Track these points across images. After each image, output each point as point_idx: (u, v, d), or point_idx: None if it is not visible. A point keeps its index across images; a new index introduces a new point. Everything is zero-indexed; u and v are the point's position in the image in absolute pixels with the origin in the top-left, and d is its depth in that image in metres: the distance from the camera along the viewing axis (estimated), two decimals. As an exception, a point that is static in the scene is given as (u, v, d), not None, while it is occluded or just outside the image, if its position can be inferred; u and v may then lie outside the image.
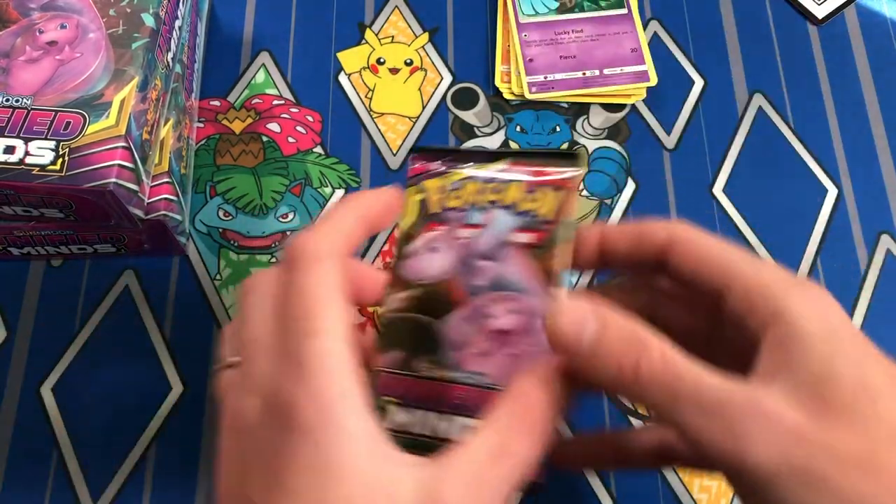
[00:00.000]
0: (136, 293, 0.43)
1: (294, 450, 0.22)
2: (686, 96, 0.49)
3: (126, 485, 0.39)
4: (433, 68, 0.49)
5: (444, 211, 0.30)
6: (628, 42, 0.49)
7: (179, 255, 0.44)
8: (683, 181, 0.47)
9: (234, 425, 0.24)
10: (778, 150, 0.48)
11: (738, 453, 0.22)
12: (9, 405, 0.41)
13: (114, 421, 0.40)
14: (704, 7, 0.52)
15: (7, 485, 0.39)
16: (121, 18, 0.38)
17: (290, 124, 0.47)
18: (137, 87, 0.36)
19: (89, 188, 0.33)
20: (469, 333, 0.28)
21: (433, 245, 0.30)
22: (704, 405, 0.22)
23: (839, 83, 0.50)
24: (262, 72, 0.49)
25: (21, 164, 0.34)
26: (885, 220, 0.46)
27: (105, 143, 0.34)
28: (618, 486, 0.40)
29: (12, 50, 0.37)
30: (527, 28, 0.49)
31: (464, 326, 0.28)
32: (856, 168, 0.48)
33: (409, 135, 0.47)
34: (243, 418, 0.23)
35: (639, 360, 0.23)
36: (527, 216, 0.29)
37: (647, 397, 0.23)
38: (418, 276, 0.29)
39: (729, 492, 0.40)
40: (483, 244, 0.29)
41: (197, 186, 0.45)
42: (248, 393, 0.23)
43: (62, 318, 0.42)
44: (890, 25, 0.52)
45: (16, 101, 0.35)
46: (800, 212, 0.46)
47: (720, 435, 0.22)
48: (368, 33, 0.50)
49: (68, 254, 0.42)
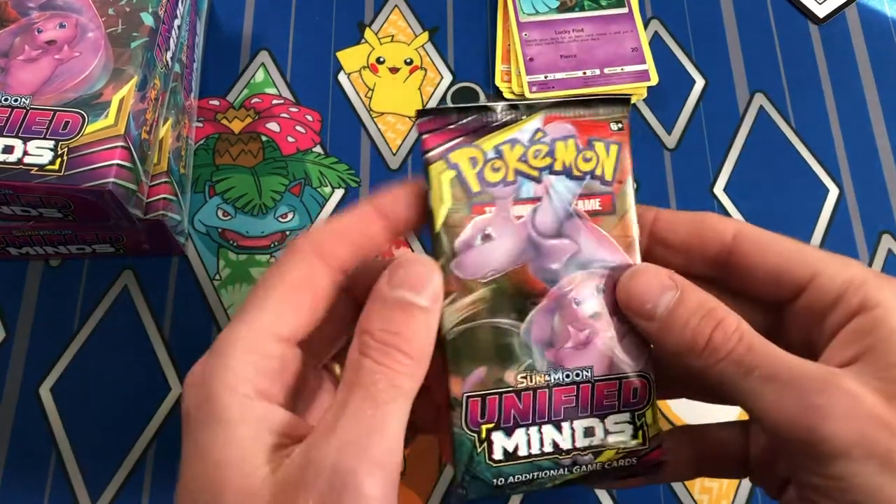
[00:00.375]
0: (134, 293, 0.43)
1: (183, 438, 0.23)
2: (687, 96, 0.49)
3: (125, 485, 0.39)
4: (433, 68, 0.49)
5: (488, 187, 0.25)
6: (629, 41, 0.49)
7: (178, 255, 0.44)
8: (684, 181, 0.47)
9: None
10: (779, 149, 0.48)
11: (814, 426, 0.22)
12: (7, 406, 0.40)
13: (113, 421, 0.40)
14: (705, 6, 0.52)
15: (6, 485, 0.39)
16: (120, 17, 0.38)
17: (290, 124, 0.47)
18: (136, 87, 0.36)
19: (88, 188, 0.33)
20: (558, 327, 0.25)
21: (487, 231, 0.25)
22: (779, 378, 0.23)
23: (840, 82, 0.50)
24: (261, 71, 0.48)
25: (20, 163, 0.33)
26: (886, 219, 0.46)
27: (104, 142, 0.34)
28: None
29: (11, 49, 0.37)
30: (527, 27, 0.49)
31: (550, 320, 0.25)
32: (857, 167, 0.47)
33: (409, 134, 0.47)
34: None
35: (714, 330, 0.24)
36: (586, 179, 0.26)
37: (718, 369, 0.24)
38: (480, 274, 0.25)
39: (730, 492, 0.40)
40: (547, 220, 0.25)
41: (196, 186, 0.45)
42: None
43: (61, 319, 0.42)
44: (891, 24, 0.52)
45: (14, 101, 0.35)
46: (801, 211, 0.46)
47: (795, 408, 0.22)
48: (368, 32, 0.50)
49: (67, 254, 0.42)
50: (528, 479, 0.25)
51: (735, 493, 0.40)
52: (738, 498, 0.40)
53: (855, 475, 0.22)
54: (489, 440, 0.25)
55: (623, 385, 0.26)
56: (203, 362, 0.23)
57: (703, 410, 0.32)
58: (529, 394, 0.25)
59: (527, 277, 0.25)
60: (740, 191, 0.46)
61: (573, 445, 0.25)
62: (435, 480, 0.40)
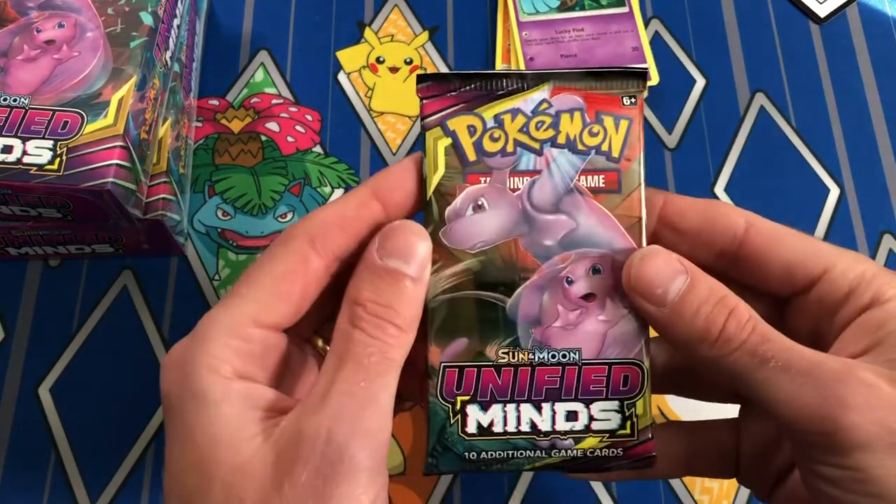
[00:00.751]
0: (134, 293, 0.43)
1: (166, 423, 0.23)
2: (687, 95, 0.49)
3: (124, 486, 0.39)
4: (433, 67, 0.49)
5: (485, 157, 0.25)
6: (629, 41, 0.49)
7: (178, 255, 0.44)
8: (685, 180, 0.47)
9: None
10: (780, 149, 0.48)
11: (833, 416, 0.22)
12: (6, 406, 0.40)
13: (112, 421, 0.40)
14: (706, 5, 0.52)
15: (5, 486, 0.39)
16: (119, 17, 0.37)
17: (290, 123, 0.47)
18: (135, 87, 0.36)
19: (87, 188, 0.33)
20: (547, 305, 0.24)
21: (479, 202, 0.24)
22: (796, 369, 0.22)
23: (841, 82, 0.50)
24: (260, 71, 0.48)
25: (19, 163, 0.33)
26: (887, 219, 0.46)
27: (103, 142, 0.34)
28: (619, 487, 0.40)
29: (10, 49, 0.36)
30: (527, 27, 0.49)
31: (539, 297, 0.24)
32: (858, 167, 0.47)
33: (409, 134, 0.47)
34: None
35: (728, 319, 0.23)
36: (590, 154, 0.25)
37: (732, 359, 0.23)
38: (469, 244, 0.24)
39: (731, 493, 0.40)
40: (545, 194, 0.25)
41: (195, 186, 0.45)
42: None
43: (60, 319, 0.42)
44: (892, 24, 0.52)
45: (13, 101, 0.35)
46: (802, 211, 0.46)
47: (813, 398, 0.22)
48: (368, 32, 0.50)
49: (66, 254, 0.42)
50: (502, 456, 0.25)
51: (736, 493, 0.40)
52: (739, 498, 0.40)
53: (875, 466, 0.21)
54: (464, 412, 0.24)
55: (613, 371, 0.25)
56: (182, 345, 0.23)
57: (702, 409, 0.32)
58: (510, 370, 0.24)
59: (518, 252, 0.25)
60: (741, 190, 0.46)
61: (552, 428, 0.24)
62: (435, 480, 0.40)
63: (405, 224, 0.24)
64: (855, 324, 0.24)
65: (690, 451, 0.31)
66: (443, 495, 0.39)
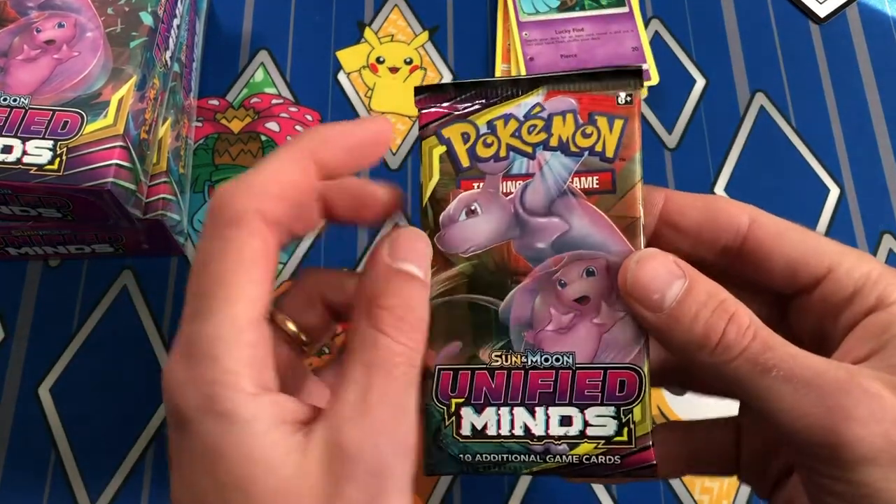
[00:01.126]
0: (134, 293, 0.43)
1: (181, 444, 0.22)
2: (687, 95, 0.49)
3: (124, 486, 0.39)
4: (433, 67, 0.49)
5: (478, 162, 0.25)
6: (629, 41, 0.49)
7: (178, 254, 0.44)
8: (685, 181, 0.47)
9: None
10: (780, 149, 0.48)
11: (837, 429, 0.21)
12: (6, 406, 0.40)
13: (112, 422, 0.40)
14: (706, 5, 0.52)
15: (5, 486, 0.39)
16: (119, 17, 0.37)
17: (290, 123, 0.47)
18: (135, 87, 0.36)
19: (87, 188, 0.33)
20: (539, 308, 0.24)
21: (472, 206, 0.25)
22: (799, 378, 0.21)
23: (841, 82, 0.50)
24: (260, 70, 0.48)
25: (19, 163, 0.33)
26: (887, 219, 0.46)
27: (103, 142, 0.34)
28: (619, 487, 0.40)
29: (10, 49, 0.36)
30: (527, 27, 0.49)
31: (531, 300, 0.24)
32: (858, 167, 0.47)
33: (409, 134, 0.47)
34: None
35: (728, 325, 0.22)
36: (584, 155, 0.25)
37: (731, 367, 0.22)
38: (462, 248, 0.25)
39: (731, 493, 0.40)
40: (537, 197, 0.25)
41: (195, 186, 0.45)
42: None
43: (60, 319, 0.42)
44: (892, 24, 0.52)
45: (13, 101, 0.35)
46: (802, 211, 0.46)
47: (816, 409, 0.21)
48: (368, 32, 0.50)
49: (66, 254, 0.42)
50: (497, 460, 0.24)
51: (736, 493, 0.40)
52: (739, 498, 0.40)
53: (880, 480, 0.21)
54: (458, 414, 0.24)
55: (608, 376, 0.24)
56: (186, 365, 0.22)
57: (701, 408, 0.32)
58: (503, 373, 0.24)
59: (510, 255, 0.25)
60: (741, 191, 0.46)
61: (546, 432, 0.24)
62: (435, 481, 0.40)
63: (412, 229, 0.24)
64: (860, 327, 0.24)
65: (690, 450, 0.30)
66: (443, 495, 0.39)
